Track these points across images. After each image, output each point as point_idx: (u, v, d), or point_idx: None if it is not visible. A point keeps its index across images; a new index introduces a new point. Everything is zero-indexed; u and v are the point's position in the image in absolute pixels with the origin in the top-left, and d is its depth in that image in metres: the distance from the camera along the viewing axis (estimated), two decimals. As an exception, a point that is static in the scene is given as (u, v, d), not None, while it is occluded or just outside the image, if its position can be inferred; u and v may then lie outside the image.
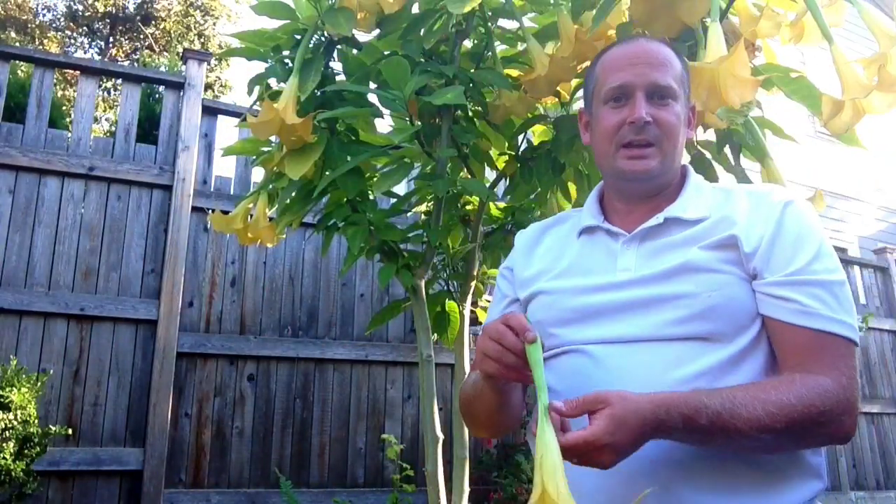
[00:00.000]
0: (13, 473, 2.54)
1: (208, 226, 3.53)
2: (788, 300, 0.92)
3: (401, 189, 2.83)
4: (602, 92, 1.08)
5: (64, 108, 5.84)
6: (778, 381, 0.90)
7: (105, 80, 9.11)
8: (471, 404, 1.08)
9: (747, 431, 0.84)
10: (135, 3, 12.34)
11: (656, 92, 1.03)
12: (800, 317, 0.92)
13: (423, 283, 1.96)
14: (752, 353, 0.95)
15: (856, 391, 0.91)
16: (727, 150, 1.72)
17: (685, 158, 1.79)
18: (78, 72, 3.66)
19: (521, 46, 1.94)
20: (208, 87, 10.85)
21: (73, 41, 12.55)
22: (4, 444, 2.55)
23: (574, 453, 0.81)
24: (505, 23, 1.96)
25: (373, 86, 1.85)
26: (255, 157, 2.04)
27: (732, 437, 0.85)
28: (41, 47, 11.40)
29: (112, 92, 10.69)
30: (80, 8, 12.21)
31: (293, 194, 1.90)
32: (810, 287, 0.93)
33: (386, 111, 1.85)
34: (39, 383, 2.79)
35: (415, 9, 1.82)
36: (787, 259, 0.94)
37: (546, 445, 0.80)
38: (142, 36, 12.21)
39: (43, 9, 12.41)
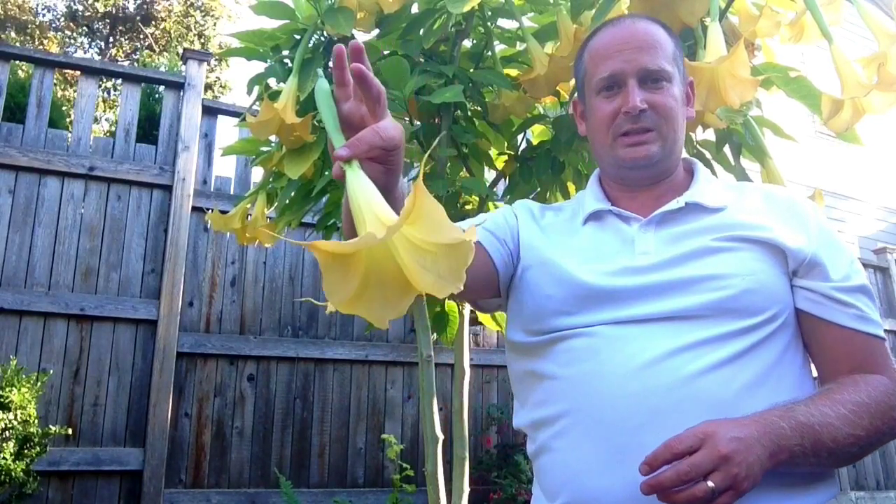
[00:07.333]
0: (13, 473, 2.54)
1: (208, 226, 3.53)
2: (849, 305, 0.95)
3: (401, 189, 2.83)
4: (593, 82, 1.04)
5: (64, 108, 5.84)
6: (840, 384, 0.91)
7: (105, 80, 9.10)
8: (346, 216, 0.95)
9: (843, 439, 0.85)
10: (135, 3, 12.33)
11: (649, 77, 0.99)
12: (860, 322, 0.94)
13: (422, 283, 1.95)
14: (772, 343, 0.92)
15: None
16: (727, 149, 1.72)
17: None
18: (78, 72, 3.66)
19: (520, 46, 1.94)
20: (208, 87, 10.85)
21: (73, 41, 12.55)
22: (4, 444, 2.55)
23: (703, 469, 0.76)
24: (505, 22, 1.96)
25: (372, 85, 1.85)
26: (254, 157, 2.04)
27: (831, 447, 0.85)
28: (41, 47, 11.40)
29: (112, 92, 10.68)
30: (80, 8, 12.20)
31: (292, 194, 1.90)
32: (861, 294, 0.96)
33: (385, 111, 1.84)
34: (39, 383, 2.79)
35: (414, 9, 1.81)
36: (837, 265, 0.96)
37: (359, 188, 0.68)
38: (142, 36, 12.21)
39: (43, 9, 12.40)
